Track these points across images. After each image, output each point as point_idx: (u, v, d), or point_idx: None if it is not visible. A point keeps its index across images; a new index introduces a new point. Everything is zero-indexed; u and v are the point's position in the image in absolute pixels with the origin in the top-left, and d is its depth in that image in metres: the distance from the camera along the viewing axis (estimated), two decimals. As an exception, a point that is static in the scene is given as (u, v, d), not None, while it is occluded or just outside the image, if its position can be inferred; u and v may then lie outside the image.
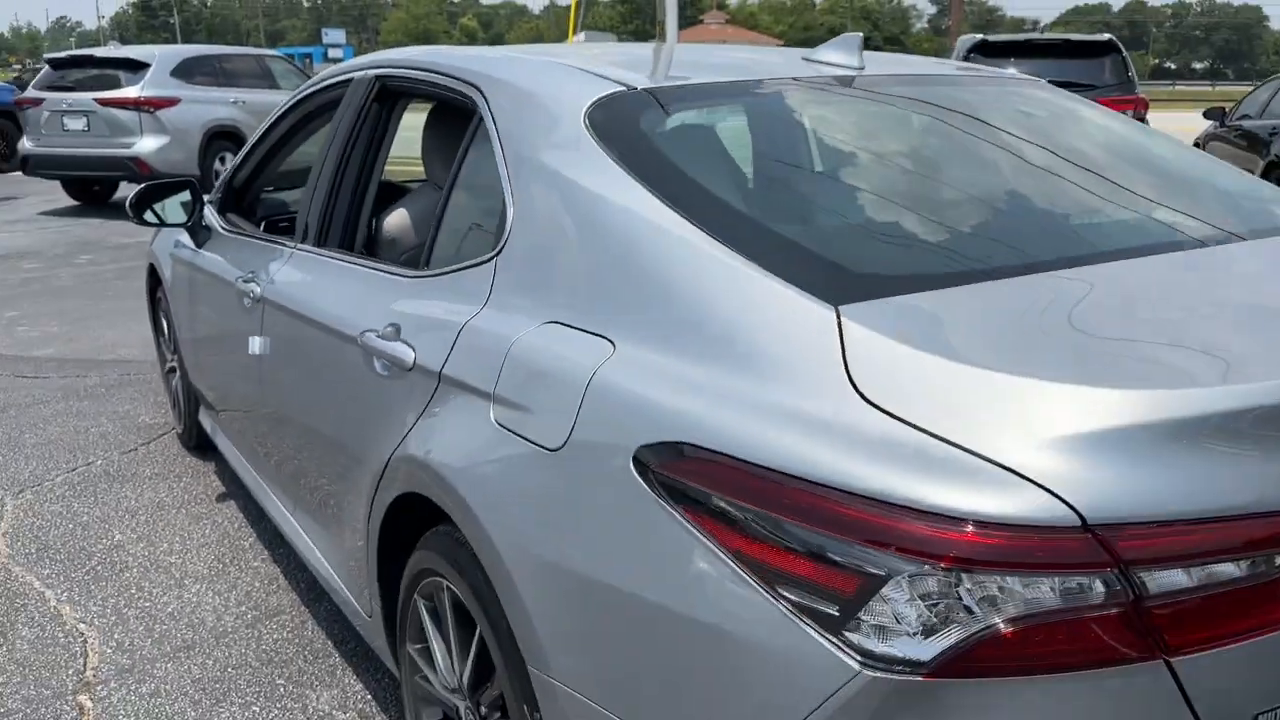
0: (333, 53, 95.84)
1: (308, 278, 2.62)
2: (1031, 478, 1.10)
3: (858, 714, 1.12)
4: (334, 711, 2.52)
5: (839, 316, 1.33)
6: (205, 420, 3.92)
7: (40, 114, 11.20)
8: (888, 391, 1.22)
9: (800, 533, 1.17)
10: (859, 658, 1.12)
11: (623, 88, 1.92)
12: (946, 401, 1.19)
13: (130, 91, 10.93)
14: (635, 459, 1.36)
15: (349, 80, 2.80)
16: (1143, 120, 8.88)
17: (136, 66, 11.16)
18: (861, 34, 2.25)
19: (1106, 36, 9.31)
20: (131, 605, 3.03)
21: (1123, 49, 9.06)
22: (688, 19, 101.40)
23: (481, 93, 2.13)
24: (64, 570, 3.25)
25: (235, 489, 3.84)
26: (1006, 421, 1.15)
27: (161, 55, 11.43)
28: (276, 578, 3.20)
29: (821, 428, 1.22)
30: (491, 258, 1.89)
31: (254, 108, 11.39)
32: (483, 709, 1.83)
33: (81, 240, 9.65)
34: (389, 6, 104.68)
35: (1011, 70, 2.94)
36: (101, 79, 11.25)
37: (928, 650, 1.09)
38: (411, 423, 1.91)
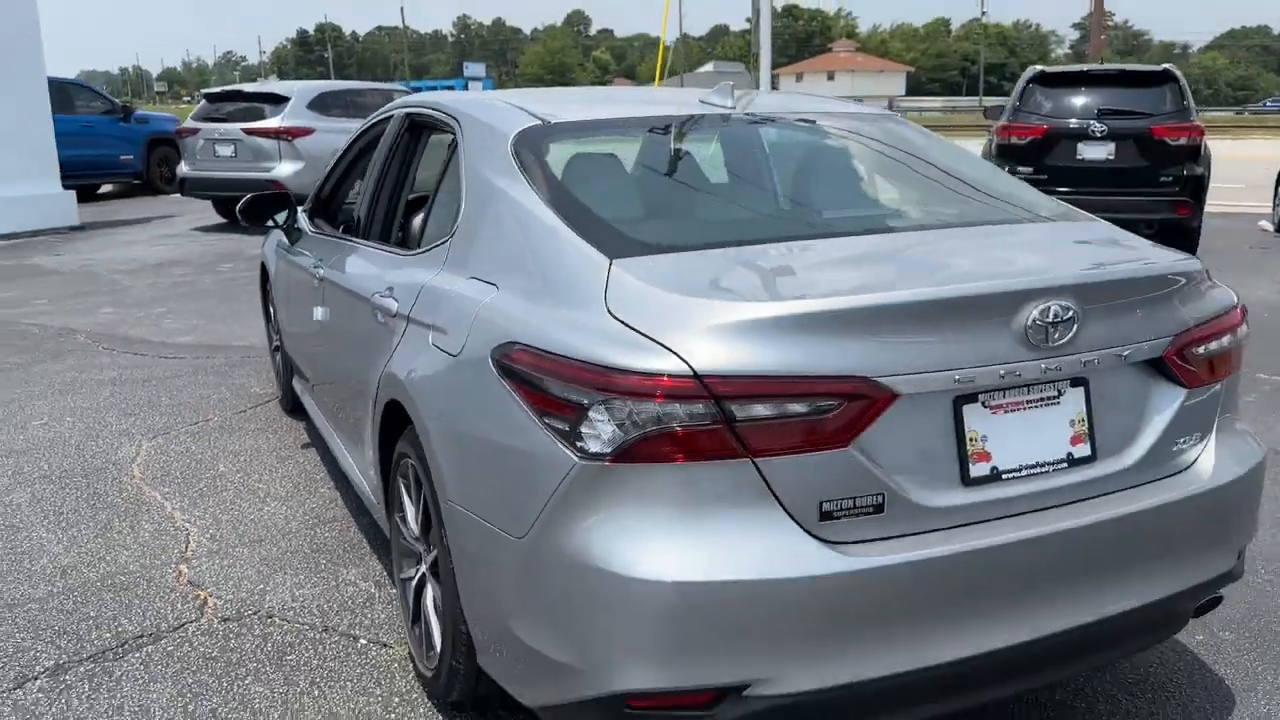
0: (473, 85, 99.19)
1: (352, 260, 3.52)
2: (675, 350, 1.85)
3: (578, 485, 1.89)
4: (358, 581, 3.39)
5: (610, 265, 2.11)
6: (297, 385, 4.90)
7: (196, 142, 12.78)
8: (621, 307, 2.00)
9: (557, 386, 1.96)
10: (578, 455, 1.90)
11: (539, 121, 2.75)
12: (649, 312, 1.95)
13: (272, 122, 12.38)
14: (490, 353, 2.17)
15: (390, 117, 3.71)
16: (1197, 147, 9.18)
17: (278, 100, 12.63)
18: (732, 83, 3.01)
19: (1164, 67, 9.62)
20: (225, 513, 3.99)
21: (1180, 79, 9.37)
22: (816, 48, 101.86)
23: (459, 124, 2.99)
24: (179, 489, 4.25)
25: (315, 440, 4.80)
26: (675, 322, 1.90)
27: (300, 90, 12.88)
28: (335, 499, 4.11)
29: (582, 329, 2.00)
30: (448, 238, 2.73)
31: (378, 136, 12.68)
32: (431, 549, 2.66)
33: (224, 252, 11.04)
34: (527, 40, 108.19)
35: (876, 107, 3.58)
36: (248, 111, 12.76)
37: (609, 446, 1.86)
38: (391, 352, 2.76)
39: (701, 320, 1.89)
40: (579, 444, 1.90)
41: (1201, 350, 2.25)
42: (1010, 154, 9.54)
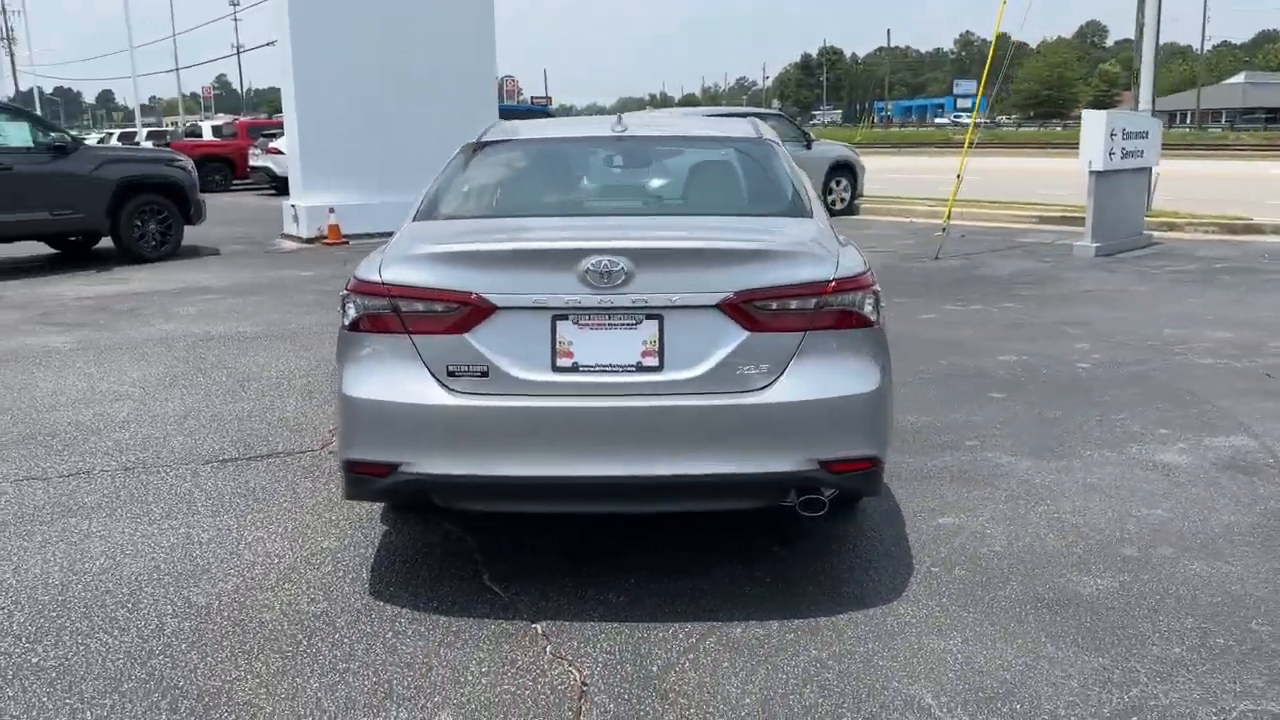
0: (961, 103, 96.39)
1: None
2: (380, 270, 3.23)
3: (340, 343, 3.34)
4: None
5: (406, 225, 3.54)
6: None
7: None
8: (389, 248, 3.41)
9: (347, 289, 3.44)
10: (346, 327, 3.36)
11: (477, 140, 4.20)
12: (392, 250, 3.35)
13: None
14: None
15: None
16: None
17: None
18: (620, 115, 4.18)
19: None
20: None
21: None
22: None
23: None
24: (386, 389, 6.25)
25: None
26: (391, 256, 3.28)
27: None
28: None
29: (371, 261, 3.44)
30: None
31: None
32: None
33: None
34: (1033, 54, 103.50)
35: (748, 130, 4.34)
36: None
37: (350, 321, 3.30)
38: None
39: (398, 254, 3.29)
40: (343, 318, 3.38)
41: (775, 305, 3.12)
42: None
